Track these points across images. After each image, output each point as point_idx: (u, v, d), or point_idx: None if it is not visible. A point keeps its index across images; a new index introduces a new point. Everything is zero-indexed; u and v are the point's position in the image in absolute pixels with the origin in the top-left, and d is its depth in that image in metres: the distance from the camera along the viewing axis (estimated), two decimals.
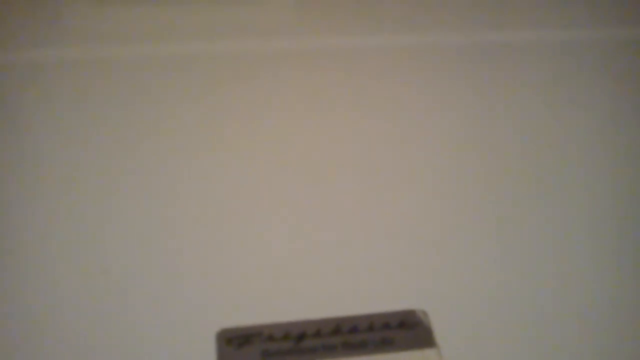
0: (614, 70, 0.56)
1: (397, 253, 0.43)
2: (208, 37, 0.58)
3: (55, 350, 0.38)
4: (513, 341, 0.39)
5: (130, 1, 0.61)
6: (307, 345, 0.38)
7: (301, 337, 0.38)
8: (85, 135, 0.50)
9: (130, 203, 0.46)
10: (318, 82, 0.55)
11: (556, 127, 0.51)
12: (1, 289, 0.41)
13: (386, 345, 0.38)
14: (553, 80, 0.55)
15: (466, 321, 0.40)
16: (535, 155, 0.49)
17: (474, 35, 0.59)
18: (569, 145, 0.50)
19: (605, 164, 0.49)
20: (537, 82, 0.55)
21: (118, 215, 0.45)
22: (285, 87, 0.54)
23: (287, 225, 0.45)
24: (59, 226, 0.44)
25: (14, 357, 0.38)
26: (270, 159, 0.49)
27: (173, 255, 0.43)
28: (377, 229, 0.44)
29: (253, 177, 0.47)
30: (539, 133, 0.51)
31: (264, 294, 0.41)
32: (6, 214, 0.45)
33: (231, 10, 0.61)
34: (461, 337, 0.39)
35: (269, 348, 0.38)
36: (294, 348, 0.38)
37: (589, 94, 0.54)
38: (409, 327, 0.39)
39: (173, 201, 0.46)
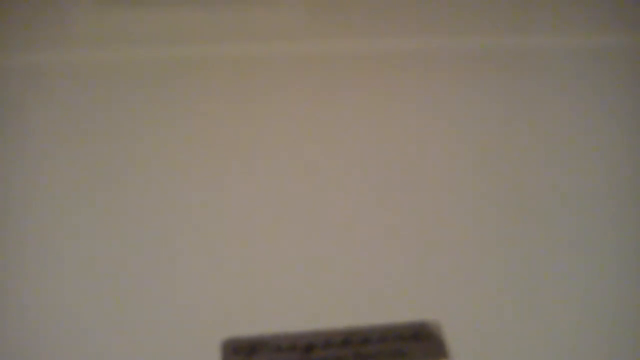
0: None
1: (410, 263, 0.42)
2: (216, 40, 0.57)
3: (55, 356, 0.38)
4: (527, 353, 0.38)
5: (136, 3, 0.60)
6: (316, 356, 0.37)
7: (310, 347, 0.37)
8: (89, 139, 0.49)
9: (134, 207, 0.45)
10: (328, 86, 0.54)
11: (573, 135, 0.50)
12: (1, 290, 0.40)
13: (398, 357, 0.37)
14: (572, 87, 0.54)
15: (480, 333, 0.39)
16: (551, 163, 0.48)
17: (488, 40, 0.58)
18: (589, 153, 0.49)
19: (631, 171, 0.48)
20: (557, 89, 0.54)
21: (121, 219, 0.44)
22: (294, 91, 0.53)
23: (295, 233, 0.44)
24: (60, 230, 0.43)
25: (13, 357, 0.37)
26: (277, 165, 0.48)
27: (177, 262, 0.42)
28: (390, 237, 0.43)
29: (260, 184, 0.46)
30: (556, 141, 0.50)
31: (271, 302, 0.40)
32: (7, 216, 0.44)
33: (240, 13, 0.60)
34: (474, 349, 0.38)
35: (275, 358, 0.37)
36: (302, 359, 0.37)
37: (611, 102, 0.53)
38: (421, 339, 0.38)
39: (178, 206, 0.45)
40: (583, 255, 0.43)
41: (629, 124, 0.52)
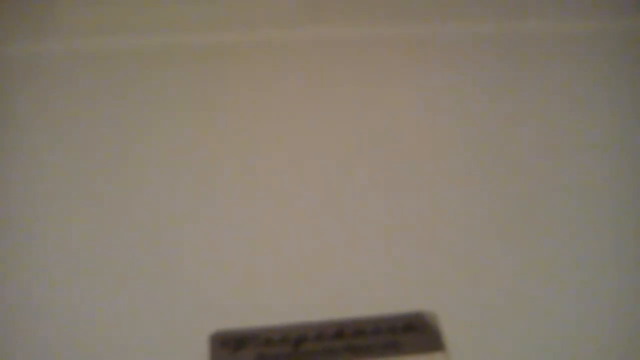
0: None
1: (404, 253, 0.41)
2: (208, 28, 0.57)
3: (45, 349, 0.37)
4: (523, 344, 0.37)
5: None
6: (307, 349, 0.36)
7: (300, 340, 0.36)
8: (82, 129, 0.49)
9: (126, 201, 0.44)
10: (322, 73, 0.53)
11: (572, 124, 0.49)
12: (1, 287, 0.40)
13: (392, 349, 0.36)
14: (574, 74, 0.53)
15: (476, 324, 0.38)
16: (550, 154, 0.47)
17: (486, 25, 0.57)
18: (588, 142, 0.48)
19: (631, 162, 0.47)
20: (558, 76, 0.53)
21: (112, 213, 0.44)
22: (288, 78, 0.53)
23: (288, 224, 0.43)
24: (54, 223, 0.43)
25: (9, 352, 0.37)
26: (271, 156, 0.47)
27: (166, 254, 0.41)
28: (383, 227, 0.43)
29: (254, 175, 0.46)
30: (555, 130, 0.49)
31: (261, 295, 0.39)
32: (6, 212, 0.44)
33: (235, 0, 0.59)
34: (470, 340, 0.37)
35: (265, 352, 0.36)
36: (293, 352, 0.36)
37: (613, 89, 0.52)
38: (416, 330, 0.37)
39: (170, 199, 0.44)
40: (582, 247, 0.42)
41: (628, 110, 0.51)
